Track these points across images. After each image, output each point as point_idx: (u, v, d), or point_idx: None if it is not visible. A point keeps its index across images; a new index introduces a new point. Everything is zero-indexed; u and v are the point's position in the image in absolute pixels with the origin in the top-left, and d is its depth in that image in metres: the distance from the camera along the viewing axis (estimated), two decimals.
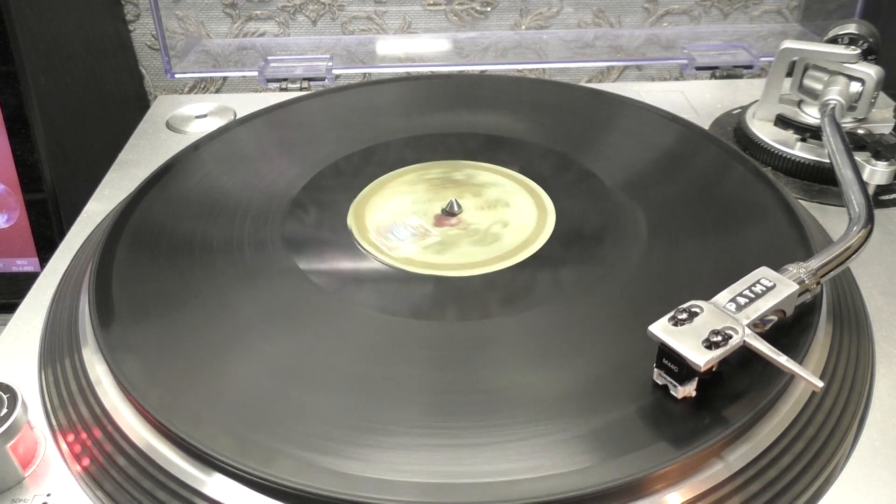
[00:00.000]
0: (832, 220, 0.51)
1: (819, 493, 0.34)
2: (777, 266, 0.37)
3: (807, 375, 0.32)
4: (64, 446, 0.36)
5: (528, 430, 0.33)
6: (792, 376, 0.34)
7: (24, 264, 0.62)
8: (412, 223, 0.48)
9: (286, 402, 0.35)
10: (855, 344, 0.40)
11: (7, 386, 0.34)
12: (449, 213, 0.49)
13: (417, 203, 0.50)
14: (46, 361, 0.41)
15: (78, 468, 0.35)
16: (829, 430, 0.35)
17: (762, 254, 0.43)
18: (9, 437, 0.34)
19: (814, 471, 0.34)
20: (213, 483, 0.33)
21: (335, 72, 0.74)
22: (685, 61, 0.74)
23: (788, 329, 0.37)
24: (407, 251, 0.45)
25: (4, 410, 0.34)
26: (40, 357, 0.42)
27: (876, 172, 0.51)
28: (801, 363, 0.36)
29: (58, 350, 0.41)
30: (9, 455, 0.34)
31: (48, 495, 0.34)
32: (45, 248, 0.61)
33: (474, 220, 0.48)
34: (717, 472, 0.32)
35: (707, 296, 0.35)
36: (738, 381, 0.35)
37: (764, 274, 0.36)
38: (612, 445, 0.32)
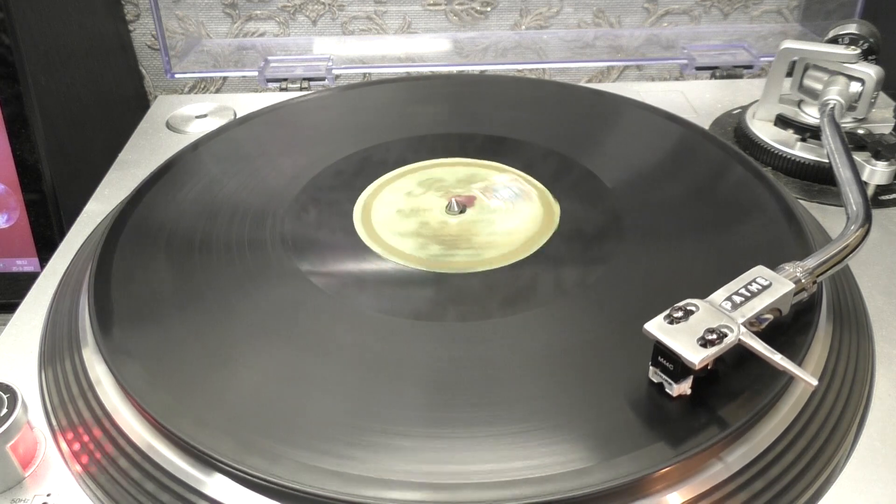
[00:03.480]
0: (832, 220, 0.51)
1: (819, 493, 0.34)
2: (776, 266, 0.37)
3: (802, 374, 0.32)
4: (64, 446, 0.36)
5: (529, 429, 0.33)
6: (792, 376, 0.33)
7: (24, 264, 0.62)
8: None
9: (286, 402, 0.35)
10: (855, 344, 0.40)
11: (7, 386, 0.34)
12: (451, 212, 0.49)
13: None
14: (46, 361, 0.41)
15: (78, 468, 0.35)
16: (829, 430, 0.35)
17: (762, 254, 0.43)
18: (9, 437, 0.34)
19: (814, 471, 0.34)
20: (213, 484, 0.33)
21: (335, 72, 0.74)
22: (685, 61, 0.74)
23: (788, 329, 0.37)
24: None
25: (4, 410, 0.34)
26: (40, 357, 0.42)
27: (876, 172, 0.51)
28: (801, 363, 0.36)
29: (58, 350, 0.41)
30: (9, 455, 0.34)
31: (48, 495, 0.34)
32: (45, 248, 0.61)
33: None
34: (717, 472, 0.32)
35: (707, 296, 0.35)
36: (738, 382, 0.35)
37: (760, 273, 0.36)
38: (612, 445, 0.32)
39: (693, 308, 0.34)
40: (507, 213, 0.49)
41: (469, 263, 0.44)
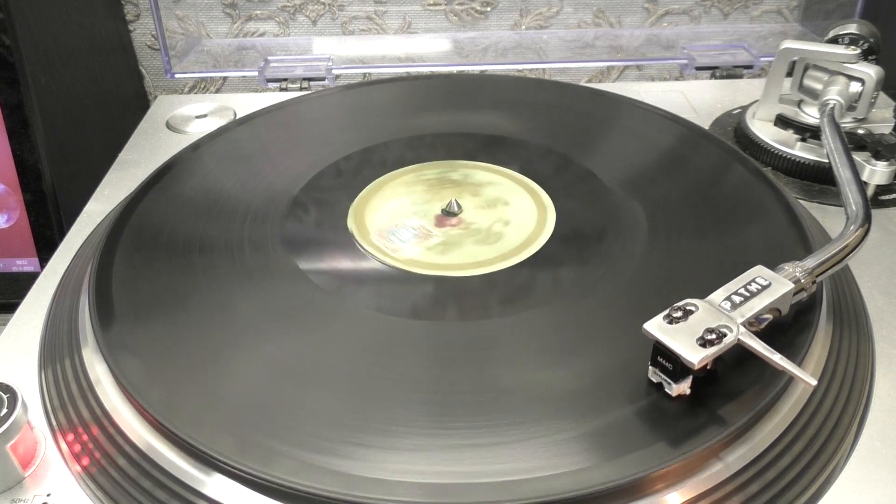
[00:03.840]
0: (832, 220, 0.51)
1: (819, 493, 0.34)
2: (776, 266, 0.37)
3: (800, 374, 0.32)
4: (64, 446, 0.36)
5: (528, 430, 0.33)
6: (791, 376, 0.33)
7: (24, 264, 0.62)
8: (413, 224, 0.48)
9: (286, 401, 0.35)
10: (855, 344, 0.40)
11: (7, 386, 0.34)
12: (449, 213, 0.49)
13: (416, 204, 0.50)
14: (46, 361, 0.41)
15: (78, 468, 0.35)
16: (829, 431, 0.35)
17: (762, 253, 0.43)
18: (9, 437, 0.34)
19: (814, 471, 0.34)
20: (212, 483, 0.33)
21: (335, 72, 0.74)
22: (685, 61, 0.74)
23: (788, 329, 0.37)
24: (410, 253, 0.45)
25: (4, 410, 0.34)
26: (40, 357, 0.42)
27: (876, 172, 0.51)
28: (800, 363, 0.36)
29: (58, 350, 0.41)
30: (9, 455, 0.34)
31: (48, 495, 0.34)
32: (45, 248, 0.61)
33: (475, 220, 0.48)
34: (717, 472, 0.32)
35: (706, 296, 0.35)
36: (738, 382, 0.35)
37: (759, 272, 0.36)
38: (612, 445, 0.32)
39: (692, 308, 0.34)
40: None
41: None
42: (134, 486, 0.34)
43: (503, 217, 0.48)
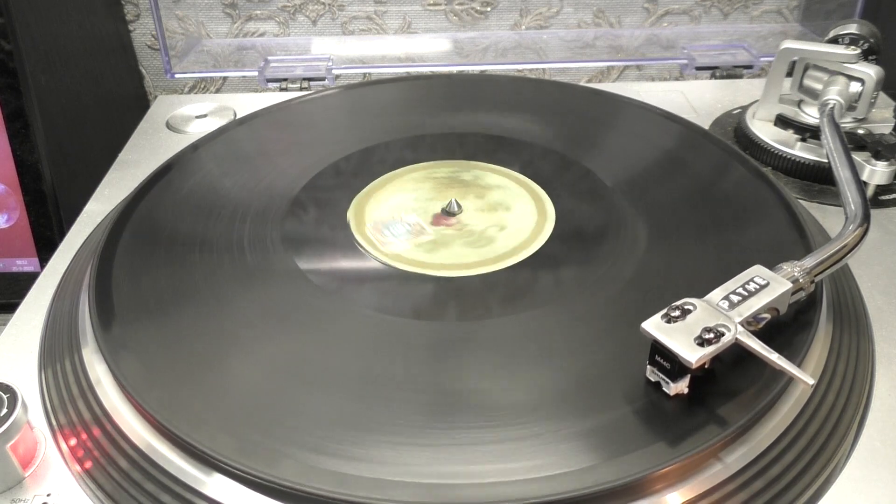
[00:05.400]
0: (832, 220, 0.51)
1: (819, 493, 0.34)
2: (775, 266, 0.37)
3: (798, 373, 0.32)
4: (64, 446, 0.36)
5: (528, 430, 0.33)
6: (790, 376, 0.34)
7: (24, 264, 0.62)
8: (410, 220, 0.48)
9: (286, 402, 0.35)
10: (855, 344, 0.40)
11: (7, 386, 0.34)
12: (448, 212, 0.49)
13: (420, 201, 0.50)
14: (46, 361, 0.41)
15: (78, 468, 0.35)
16: (829, 430, 0.35)
17: (762, 253, 0.43)
18: (9, 437, 0.34)
19: (814, 471, 0.34)
20: (213, 483, 0.33)
21: (335, 72, 0.74)
22: (685, 61, 0.74)
23: (788, 328, 0.37)
24: (398, 248, 0.45)
25: (4, 410, 0.34)
26: (40, 357, 0.42)
27: (876, 172, 0.51)
28: (800, 363, 0.36)
29: (58, 350, 0.41)
30: (9, 455, 0.34)
31: (48, 495, 0.34)
32: (45, 248, 0.61)
33: (472, 222, 0.48)
34: (717, 472, 0.32)
35: (705, 296, 0.35)
36: (738, 381, 0.35)
37: (757, 272, 0.37)
38: (611, 445, 0.32)
39: (690, 307, 0.34)
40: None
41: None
42: (134, 487, 0.34)
43: (500, 222, 0.48)
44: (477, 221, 0.48)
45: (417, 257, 0.45)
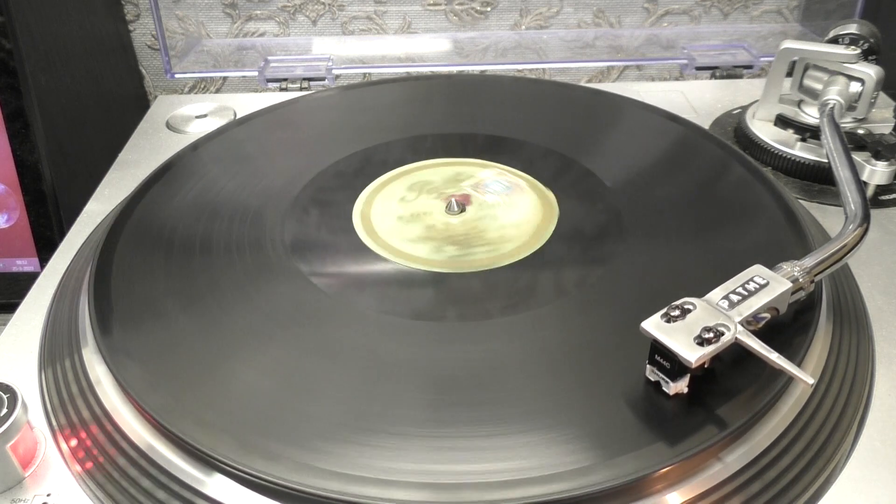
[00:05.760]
0: (832, 220, 0.51)
1: (819, 493, 0.34)
2: (774, 265, 0.37)
3: (797, 372, 0.32)
4: (64, 446, 0.36)
5: (528, 429, 0.33)
6: (790, 376, 0.34)
7: (24, 264, 0.62)
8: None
9: (287, 402, 0.35)
10: (855, 344, 0.40)
11: (7, 386, 0.34)
12: (452, 212, 0.49)
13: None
14: (46, 361, 0.41)
15: (78, 468, 0.35)
16: (829, 431, 0.35)
17: (762, 253, 0.43)
18: (9, 437, 0.34)
19: (814, 471, 0.34)
20: (213, 483, 0.33)
21: (335, 72, 0.74)
22: (685, 61, 0.74)
23: (788, 328, 0.37)
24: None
25: (4, 410, 0.34)
26: (40, 357, 0.42)
27: (876, 172, 0.51)
28: (800, 363, 0.36)
29: (58, 350, 0.41)
30: (9, 455, 0.34)
31: (48, 495, 0.34)
32: (45, 248, 0.61)
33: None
34: (716, 472, 0.32)
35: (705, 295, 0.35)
36: (738, 381, 0.35)
37: (757, 272, 0.37)
38: (611, 445, 0.32)
39: (690, 307, 0.34)
40: (506, 207, 0.49)
41: (489, 259, 0.45)
42: (134, 487, 0.34)
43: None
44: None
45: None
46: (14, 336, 0.44)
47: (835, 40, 0.57)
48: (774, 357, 0.33)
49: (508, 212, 0.49)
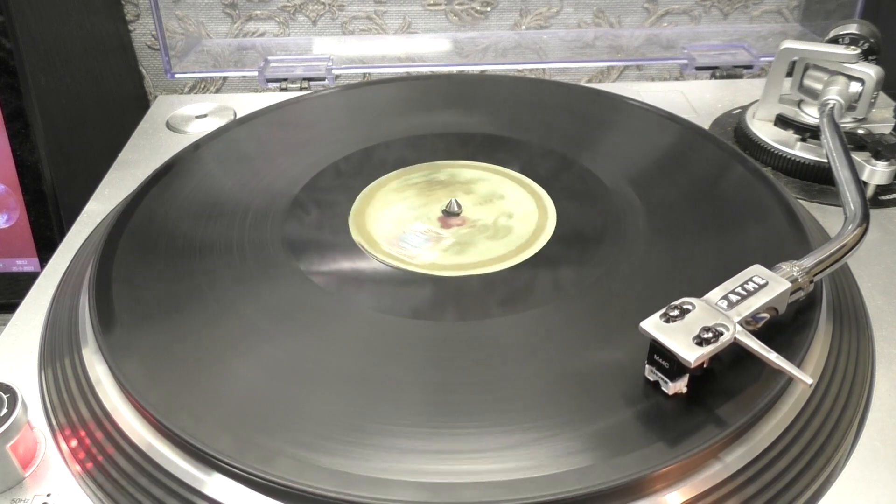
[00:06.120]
0: (832, 220, 0.51)
1: (819, 493, 0.34)
2: (774, 266, 0.37)
3: (797, 372, 0.32)
4: (64, 446, 0.36)
5: (528, 429, 0.33)
6: (789, 376, 0.34)
7: (24, 264, 0.62)
8: (420, 229, 0.47)
9: (286, 401, 0.35)
10: (855, 344, 0.40)
11: (7, 386, 0.34)
12: (450, 213, 0.49)
13: (414, 208, 0.49)
14: (46, 361, 0.41)
15: (78, 468, 0.35)
16: (829, 431, 0.35)
17: (762, 254, 0.43)
18: (9, 437, 0.34)
19: (814, 471, 0.34)
20: (212, 483, 0.33)
21: (335, 72, 0.74)
22: (685, 61, 0.74)
23: (788, 328, 0.37)
24: (428, 258, 0.45)
25: (4, 410, 0.34)
26: (40, 357, 0.42)
27: (876, 172, 0.51)
28: (800, 363, 0.36)
29: (58, 350, 0.41)
30: (9, 455, 0.34)
31: (48, 495, 0.34)
32: (45, 248, 0.61)
33: (479, 217, 0.48)
34: (716, 472, 0.32)
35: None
36: (738, 381, 0.35)
37: (756, 272, 0.37)
38: (611, 445, 0.32)
39: (689, 307, 0.34)
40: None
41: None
42: (134, 486, 0.34)
43: (504, 210, 0.48)
44: (483, 215, 0.48)
45: (451, 261, 0.45)
46: (14, 336, 0.44)
47: (835, 40, 0.57)
48: (773, 357, 0.33)
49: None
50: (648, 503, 0.31)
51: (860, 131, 0.54)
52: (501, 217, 0.48)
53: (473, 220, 0.48)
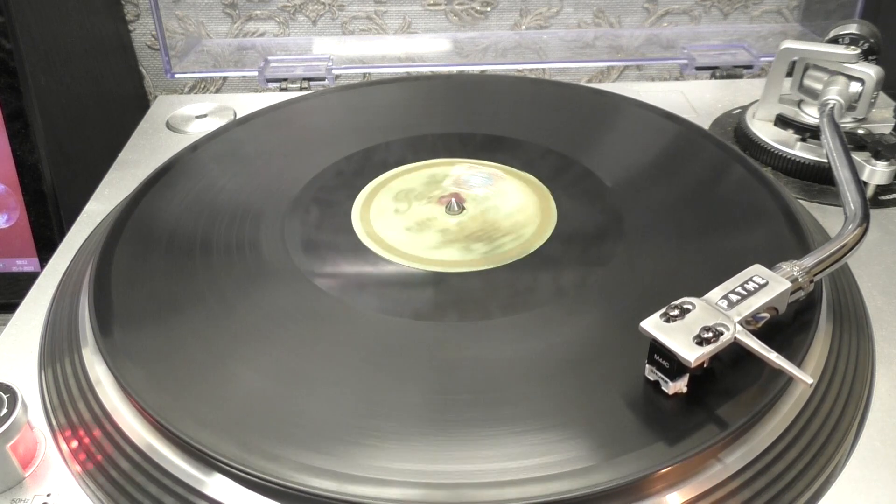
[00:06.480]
0: (832, 220, 0.51)
1: (819, 493, 0.34)
2: (774, 265, 0.37)
3: (797, 372, 0.32)
4: (64, 446, 0.36)
5: (528, 430, 0.33)
6: (789, 375, 0.34)
7: (24, 264, 0.62)
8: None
9: (287, 402, 0.35)
10: (855, 344, 0.40)
11: (7, 386, 0.34)
12: (453, 211, 0.49)
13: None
14: (46, 361, 0.41)
15: (78, 468, 0.35)
16: (829, 431, 0.35)
17: (761, 253, 0.43)
18: (9, 437, 0.34)
19: (814, 471, 0.34)
20: (213, 483, 0.33)
21: (335, 72, 0.74)
22: (685, 61, 0.74)
23: (788, 328, 0.37)
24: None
25: (4, 410, 0.34)
26: (40, 357, 0.42)
27: (876, 172, 0.51)
28: (800, 363, 0.36)
29: (58, 350, 0.41)
30: (9, 455, 0.34)
31: (48, 495, 0.34)
32: (45, 248, 0.61)
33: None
34: (716, 472, 0.32)
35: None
36: (738, 381, 0.35)
37: (757, 271, 0.37)
38: (612, 445, 0.32)
39: (689, 306, 0.34)
40: (499, 196, 0.50)
41: (520, 247, 0.45)
42: (134, 487, 0.34)
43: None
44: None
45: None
46: (14, 336, 0.44)
47: (835, 40, 0.57)
48: (773, 357, 0.33)
49: (504, 200, 0.49)
50: (648, 503, 0.31)
51: (860, 131, 0.54)
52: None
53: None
